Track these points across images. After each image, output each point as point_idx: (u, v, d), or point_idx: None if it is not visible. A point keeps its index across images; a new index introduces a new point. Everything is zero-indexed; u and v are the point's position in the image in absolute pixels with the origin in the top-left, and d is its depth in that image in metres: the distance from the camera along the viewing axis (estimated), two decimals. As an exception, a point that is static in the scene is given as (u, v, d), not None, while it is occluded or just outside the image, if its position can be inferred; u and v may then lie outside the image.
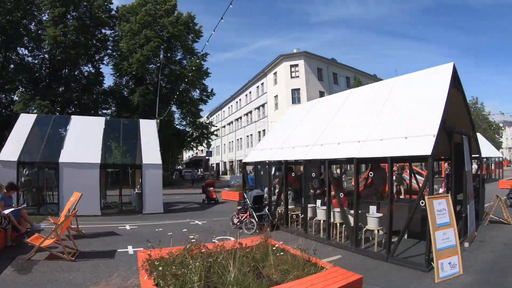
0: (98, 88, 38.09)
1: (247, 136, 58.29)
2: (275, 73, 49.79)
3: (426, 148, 6.78)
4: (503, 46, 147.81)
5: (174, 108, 41.92)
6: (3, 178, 11.06)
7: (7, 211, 8.76)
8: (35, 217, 12.27)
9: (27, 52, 35.26)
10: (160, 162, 16.03)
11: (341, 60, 67.36)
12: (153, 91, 34.49)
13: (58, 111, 33.49)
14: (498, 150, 39.08)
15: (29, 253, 7.56)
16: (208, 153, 58.17)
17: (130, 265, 7.13)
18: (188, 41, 39.20)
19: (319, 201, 9.96)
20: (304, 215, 10.29)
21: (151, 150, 16.26)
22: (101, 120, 18.26)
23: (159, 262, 4.93)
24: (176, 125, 42.63)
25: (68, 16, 34.33)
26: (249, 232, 10.49)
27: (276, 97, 48.88)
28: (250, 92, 59.59)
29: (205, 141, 46.11)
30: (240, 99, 64.98)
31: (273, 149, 12.31)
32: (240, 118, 62.98)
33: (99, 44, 37.40)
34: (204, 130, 43.90)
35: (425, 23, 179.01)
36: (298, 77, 46.35)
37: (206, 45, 31.75)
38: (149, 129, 17.88)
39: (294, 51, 48.43)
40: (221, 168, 71.23)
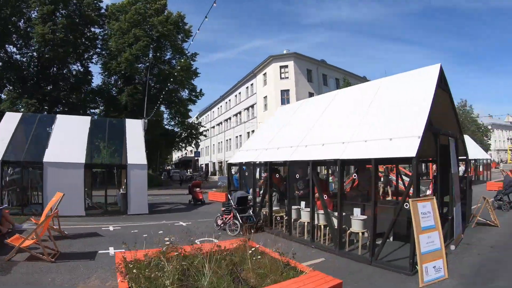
0: (87, 87, 37.52)
1: (236, 137, 58.06)
2: (264, 74, 49.69)
3: (411, 150, 6.69)
4: (491, 50, 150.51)
5: (163, 108, 41.82)
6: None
7: None
8: (18, 218, 12.23)
9: (15, 49, 34.68)
10: (145, 162, 15.90)
11: (331, 61, 67.69)
12: (142, 91, 34.04)
13: (46, 110, 33.00)
14: (486, 152, 39.59)
15: (9, 254, 7.46)
16: (196, 154, 58.10)
17: (110, 266, 7.02)
18: (178, 40, 38.82)
19: (303, 203, 9.82)
20: (288, 217, 10.17)
21: (136, 150, 16.12)
22: (86, 119, 18.07)
23: (133, 264, 4.87)
24: (165, 125, 42.27)
25: (57, 13, 33.76)
26: (232, 234, 10.33)
27: (265, 98, 48.81)
28: (240, 93, 59.47)
29: (194, 141, 45.89)
30: (230, 100, 64.85)
31: (258, 150, 12.17)
32: (230, 118, 62.80)
33: (88, 42, 36.86)
34: (192, 131, 43.65)
35: (415, 27, 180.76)
36: (288, 78, 46.32)
37: (191, 44, 31.75)
38: (135, 129, 17.73)
39: (284, 52, 48.34)
40: (210, 169, 71.01)
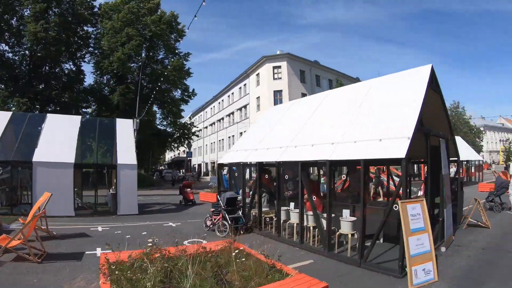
0: (79, 86, 37.14)
1: (229, 137, 57.86)
2: (257, 74, 49.59)
3: (400, 151, 6.60)
4: (485, 52, 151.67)
5: (155, 108, 41.64)
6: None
7: None
8: (7, 218, 12.09)
9: (7, 48, 34.24)
10: (135, 162, 15.78)
11: (325, 63, 67.40)
12: (134, 90, 33.92)
13: (38, 109, 32.74)
14: (478, 154, 39.87)
15: (-5, 254, 7.42)
16: (189, 154, 57.84)
17: (96, 267, 6.87)
18: (171, 40, 38.64)
19: (292, 204, 9.73)
20: (277, 218, 10.06)
21: (126, 150, 15.98)
22: (77, 119, 17.84)
23: (116, 266, 4.81)
24: (157, 125, 42.09)
25: (50, 12, 33.40)
26: (221, 235, 10.21)
27: (258, 98, 48.71)
28: (233, 93, 59.32)
29: (186, 141, 45.70)
30: (223, 100, 64.69)
31: (248, 150, 12.05)
32: (222, 119, 62.65)
33: (80, 41, 36.53)
34: (185, 131, 43.47)
35: (409, 29, 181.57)
36: (281, 78, 46.27)
37: (184, 44, 31.52)
38: (125, 129, 17.59)
39: (278, 52, 48.30)
40: (203, 169, 70.86)
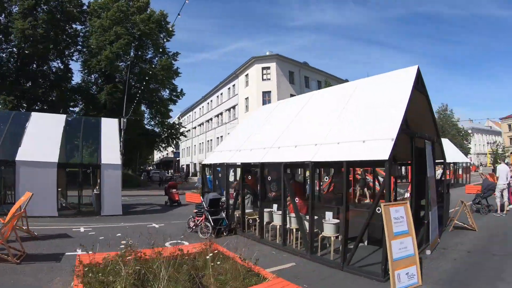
0: (66, 84, 36.61)
1: (217, 138, 57.45)
2: (246, 75, 49.40)
3: (384, 153, 6.51)
4: (473, 55, 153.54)
5: (143, 108, 41.30)
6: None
7: None
8: (-11, 218, 11.88)
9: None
10: (119, 162, 15.66)
11: (314, 64, 67.92)
12: (122, 90, 33.46)
13: (24, 107, 32.40)
14: (466, 156, 40.22)
15: (-26, 255, 7.30)
16: (176, 154, 57.66)
17: (74, 269, 6.75)
18: (160, 39, 38.27)
19: (275, 206, 9.61)
20: (260, 220, 9.92)
21: (111, 150, 15.81)
22: (61, 117, 17.52)
23: (89, 268, 4.73)
24: (145, 125, 41.72)
25: (39, 9, 32.98)
26: (204, 236, 10.02)
27: (247, 99, 48.50)
28: (222, 94, 59.09)
29: (174, 142, 45.38)
30: (212, 101, 64.46)
31: (232, 151, 11.93)
32: (211, 119, 62.38)
33: (69, 39, 36.15)
34: (172, 131, 43.12)
35: (398, 32, 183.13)
36: (270, 79, 46.13)
37: (173, 43, 31.22)
38: (110, 128, 17.37)
39: (267, 53, 48.19)
40: (191, 170, 70.54)
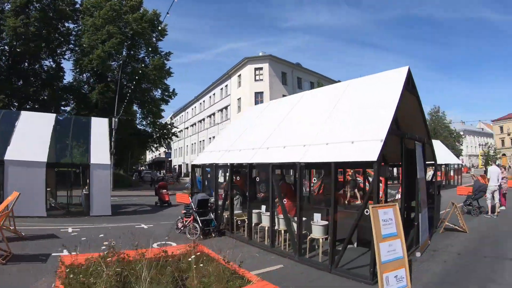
0: (58, 83, 36.26)
1: (210, 138, 57.22)
2: (239, 75, 49.39)
3: (372, 154, 6.43)
4: (466, 58, 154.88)
5: (135, 108, 41.03)
6: None
7: None
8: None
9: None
10: (108, 162, 15.60)
11: (307, 65, 67.70)
12: (114, 89, 33.27)
13: (15, 106, 32.03)
14: (458, 158, 40.44)
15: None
16: (168, 155, 57.43)
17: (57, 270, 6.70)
18: (152, 39, 38.02)
19: (264, 207, 9.52)
20: (248, 221, 9.82)
21: (100, 150, 15.65)
22: (51, 116, 17.33)
23: (71, 269, 4.62)
24: (137, 124, 41.44)
25: (31, 7, 32.61)
26: (192, 238, 9.93)
27: (239, 99, 48.48)
28: (214, 94, 59.02)
29: (165, 142, 45.15)
30: (204, 101, 64.36)
31: (221, 151, 11.83)
32: (203, 120, 62.28)
33: (61, 38, 35.80)
34: (164, 131, 42.84)
35: (392, 34, 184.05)
36: (262, 80, 46.13)
37: (165, 43, 30.97)
38: (100, 128, 17.19)
39: (260, 54, 48.22)
40: (183, 170, 70.32)
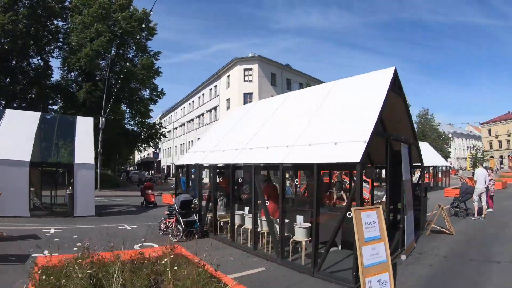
0: (46, 82, 35.81)
1: (198, 139, 56.72)
2: (228, 76, 49.25)
3: (355, 155, 6.32)
4: (455, 61, 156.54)
5: (124, 107, 40.69)
6: None
7: None
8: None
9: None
10: (93, 162, 15.32)
11: (298, 67, 68.02)
12: (102, 88, 32.92)
13: (2, 104, 31.53)
14: (446, 160, 40.65)
15: None
16: (155, 155, 57.03)
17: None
18: (142, 38, 37.69)
19: (247, 208, 9.39)
20: (231, 222, 9.71)
21: (85, 149, 15.49)
22: (36, 115, 17.05)
23: (44, 270, 4.38)
24: (125, 124, 41.06)
25: (20, 3, 32.24)
26: (174, 239, 9.80)
27: (228, 100, 48.33)
28: (203, 94, 58.75)
29: (153, 141, 44.83)
30: (193, 101, 64.03)
31: (205, 151, 11.67)
32: (192, 120, 62.02)
33: (50, 35, 35.36)
34: (152, 131, 42.54)
35: (382, 37, 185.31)
36: (251, 81, 46.07)
37: (153, 41, 30.63)
38: (85, 127, 17.01)
39: (249, 55, 48.17)
40: (172, 171, 69.91)
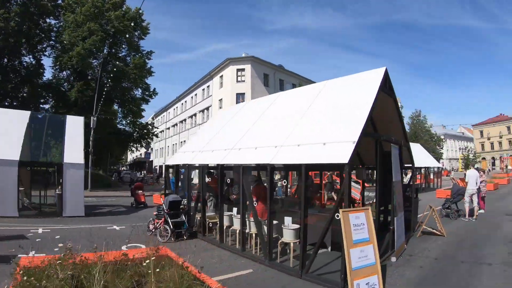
0: (38, 80, 35.34)
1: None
2: (221, 76, 49.14)
3: (344, 156, 6.25)
4: (448, 64, 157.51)
5: (116, 107, 40.39)
6: None
7: None
8: None
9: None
10: (82, 161, 15.18)
11: (291, 68, 67.98)
12: (94, 87, 32.54)
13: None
14: (438, 161, 40.80)
15: None
16: (147, 155, 56.72)
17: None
18: (134, 37, 37.41)
19: (235, 209, 9.31)
20: (220, 223, 9.62)
21: (74, 149, 15.35)
22: (25, 114, 16.82)
23: (26, 271, 4.39)
24: (117, 124, 40.81)
25: (12, 1, 31.84)
26: (163, 240, 9.71)
27: (221, 100, 48.21)
28: (196, 95, 58.60)
29: (145, 141, 44.62)
30: (186, 101, 63.86)
31: (195, 151, 11.58)
32: (185, 120, 61.86)
33: (42, 34, 34.91)
34: (144, 131, 42.30)
35: (375, 39, 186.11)
36: (244, 81, 46.01)
37: (145, 40, 30.41)
38: (75, 127, 16.82)
39: (243, 55, 48.11)
40: (164, 171, 69.42)
